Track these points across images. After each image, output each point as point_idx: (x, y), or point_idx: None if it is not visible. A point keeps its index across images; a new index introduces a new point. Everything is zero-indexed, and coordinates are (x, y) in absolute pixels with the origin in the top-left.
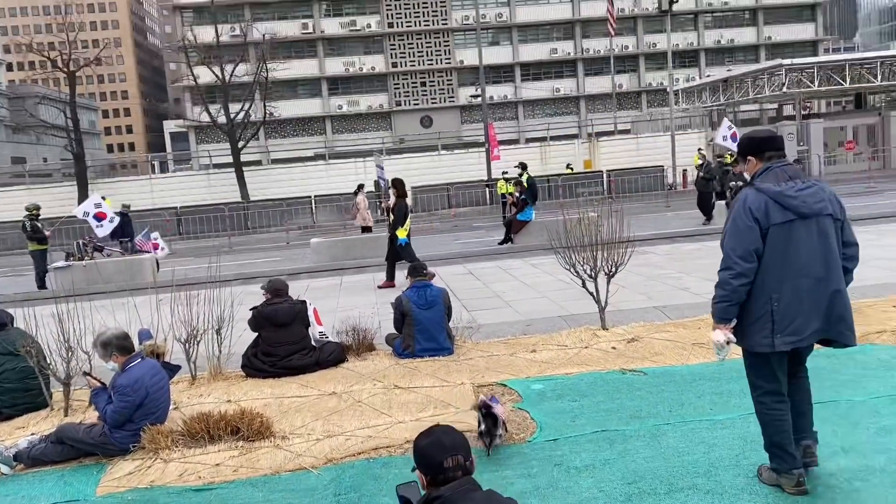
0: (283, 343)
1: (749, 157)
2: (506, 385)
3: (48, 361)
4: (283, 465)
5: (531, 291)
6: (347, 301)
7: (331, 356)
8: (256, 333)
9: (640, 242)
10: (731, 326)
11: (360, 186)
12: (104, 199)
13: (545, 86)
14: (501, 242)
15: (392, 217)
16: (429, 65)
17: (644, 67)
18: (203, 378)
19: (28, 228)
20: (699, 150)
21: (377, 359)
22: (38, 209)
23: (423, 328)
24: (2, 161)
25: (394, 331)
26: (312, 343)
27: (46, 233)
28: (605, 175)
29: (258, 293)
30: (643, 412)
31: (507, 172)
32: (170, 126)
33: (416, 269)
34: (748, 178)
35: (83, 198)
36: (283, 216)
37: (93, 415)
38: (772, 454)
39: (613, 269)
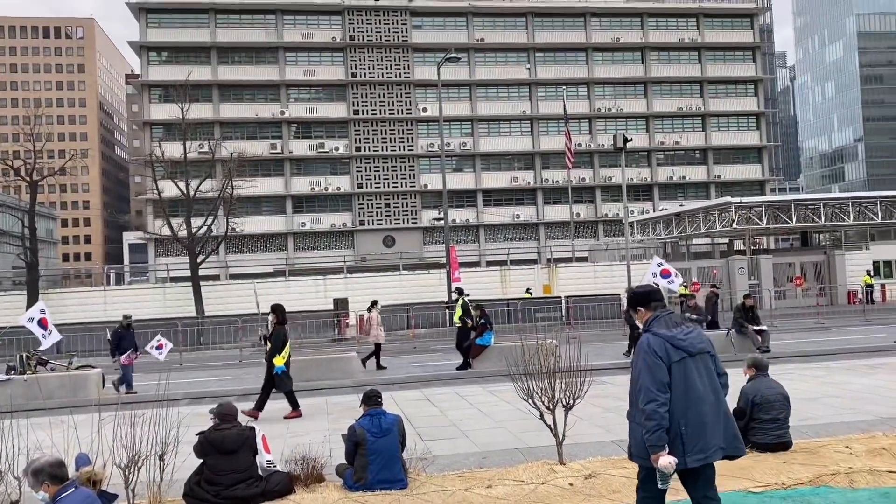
0: (229, 471)
1: (639, 308)
2: None
3: None
4: None
5: (488, 421)
6: (298, 426)
7: (277, 487)
8: (201, 460)
9: (598, 372)
10: (667, 451)
11: (374, 303)
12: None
13: (506, 212)
14: (460, 367)
15: (269, 344)
16: (394, 187)
17: (601, 198)
18: None
19: None
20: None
21: (326, 491)
22: None
23: (378, 458)
24: None
25: (344, 461)
26: (259, 472)
27: None
28: (564, 301)
29: (206, 415)
30: None
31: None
32: (129, 237)
33: (370, 398)
34: (641, 325)
35: (32, 307)
36: (238, 333)
37: None
38: None
39: (571, 402)
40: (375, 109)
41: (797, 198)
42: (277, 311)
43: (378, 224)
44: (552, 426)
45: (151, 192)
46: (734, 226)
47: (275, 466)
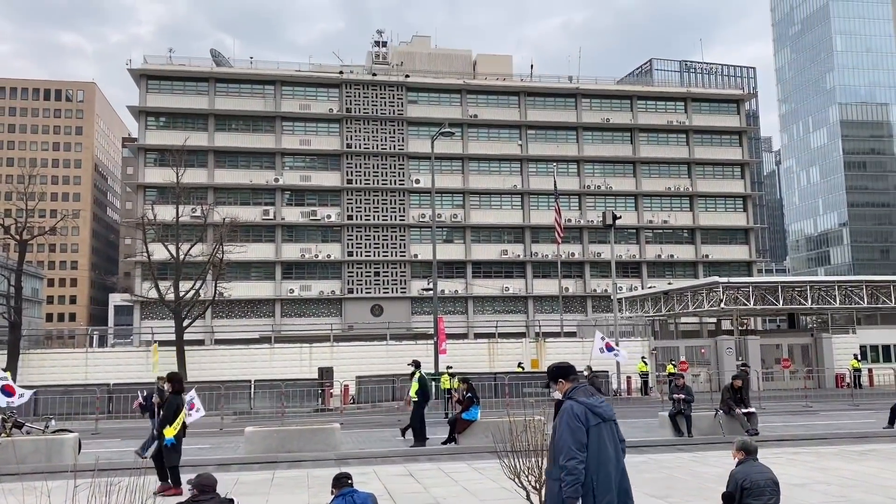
0: None
1: (560, 380)
2: None
3: None
4: None
5: (473, 499)
6: (278, 500)
7: None
8: None
9: None
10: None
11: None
12: (5, 372)
13: (495, 284)
14: (445, 442)
15: (162, 414)
16: (384, 256)
17: (589, 274)
18: None
19: None
20: (643, 358)
21: None
22: None
23: None
24: None
25: None
26: None
27: None
28: None
29: (184, 486)
30: None
31: (451, 367)
32: (115, 299)
33: (339, 479)
34: (561, 396)
35: (12, 367)
36: (220, 400)
37: None
38: None
39: None
40: (368, 179)
41: (784, 280)
42: (173, 380)
43: (367, 292)
44: None
45: (141, 255)
46: (722, 306)
47: None
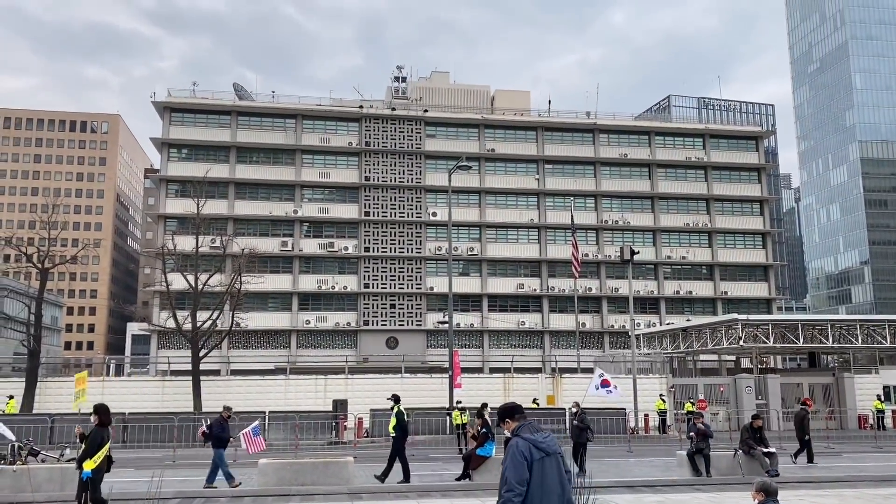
0: None
1: (507, 420)
2: None
3: None
4: None
5: None
6: None
7: None
8: None
9: (603, 489)
10: None
11: (484, 405)
12: (10, 399)
13: (511, 318)
14: (459, 478)
15: (84, 445)
16: (400, 288)
17: (607, 309)
18: None
19: None
20: (661, 396)
21: None
22: None
23: None
24: None
25: None
26: None
27: None
28: (568, 412)
29: None
30: None
31: (461, 402)
32: (133, 328)
33: None
34: (509, 433)
35: (29, 395)
36: (234, 431)
37: None
38: None
39: None
40: (386, 212)
41: (804, 318)
42: (100, 413)
43: (382, 325)
44: None
45: (160, 284)
46: (741, 343)
47: None
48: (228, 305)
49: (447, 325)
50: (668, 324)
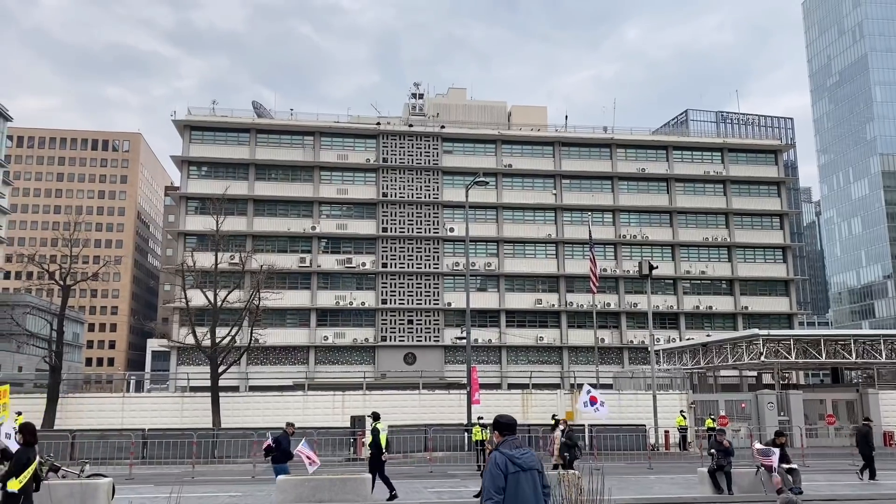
0: None
1: (496, 432)
2: None
3: None
4: None
5: None
6: None
7: None
8: None
9: None
10: None
11: (558, 422)
12: (18, 415)
13: (529, 333)
14: (477, 495)
15: (9, 465)
16: (417, 304)
17: (626, 325)
18: None
19: None
20: (681, 412)
21: None
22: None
23: None
24: None
25: None
26: None
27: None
28: (587, 429)
29: None
30: None
31: (483, 418)
32: (153, 345)
33: None
34: (493, 446)
35: (50, 411)
36: (253, 447)
37: None
38: None
39: None
40: (403, 228)
41: (827, 333)
42: (24, 432)
43: (400, 340)
44: None
45: (179, 301)
46: (762, 359)
47: None
48: (247, 321)
49: (465, 341)
50: (688, 339)
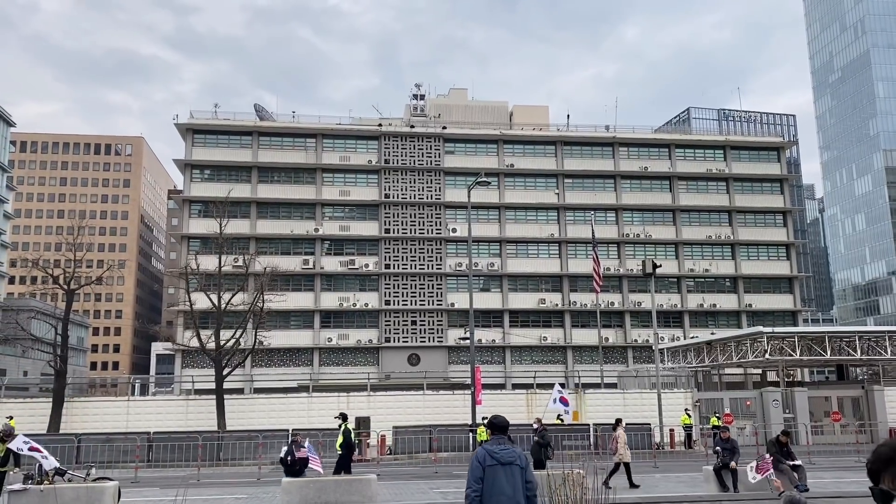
0: None
1: (487, 429)
2: None
3: None
4: None
5: None
6: None
7: None
8: None
9: None
10: None
11: (619, 421)
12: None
13: (533, 333)
14: None
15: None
16: (420, 305)
17: (630, 323)
18: None
19: None
20: (686, 411)
21: None
22: (10, 435)
23: None
24: None
25: None
26: None
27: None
28: (592, 428)
29: None
30: None
31: (486, 418)
32: (158, 348)
33: None
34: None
35: (56, 415)
36: (258, 449)
37: None
38: None
39: None
40: (406, 229)
41: (831, 330)
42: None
43: (404, 341)
44: None
45: (183, 304)
46: (767, 356)
47: None
48: (251, 324)
49: (469, 342)
50: (693, 337)
